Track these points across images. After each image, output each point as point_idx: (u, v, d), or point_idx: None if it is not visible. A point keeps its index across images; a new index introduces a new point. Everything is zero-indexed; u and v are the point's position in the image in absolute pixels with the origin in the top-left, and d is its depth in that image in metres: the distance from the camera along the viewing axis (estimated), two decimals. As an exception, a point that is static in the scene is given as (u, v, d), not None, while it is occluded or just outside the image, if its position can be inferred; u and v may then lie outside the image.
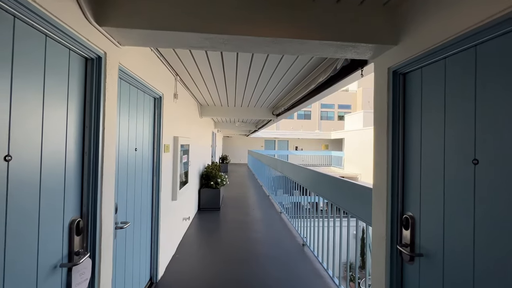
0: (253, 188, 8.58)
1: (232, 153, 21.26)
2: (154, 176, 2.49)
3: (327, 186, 3.00)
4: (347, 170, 16.53)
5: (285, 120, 28.41)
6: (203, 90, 3.98)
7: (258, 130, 10.57)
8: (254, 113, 5.57)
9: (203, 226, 4.39)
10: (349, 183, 2.34)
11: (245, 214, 5.18)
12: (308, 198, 3.72)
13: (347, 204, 2.37)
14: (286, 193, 5.10)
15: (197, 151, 5.10)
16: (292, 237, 3.84)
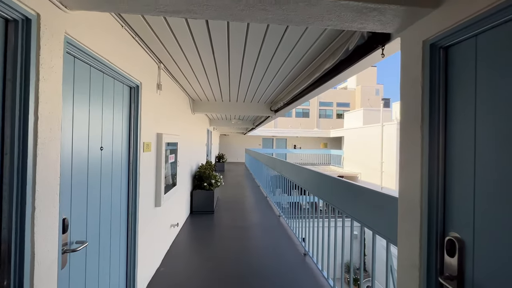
0: (250, 188, 8.21)
1: (229, 151, 20.86)
2: (131, 180, 2.11)
3: (331, 190, 2.63)
4: (347, 169, 16.22)
5: (283, 118, 28.04)
6: (194, 82, 3.59)
7: (255, 128, 10.19)
8: (251, 109, 5.19)
9: (194, 233, 4.02)
10: (360, 188, 1.98)
11: (241, 218, 4.81)
12: (307, 198, 3.37)
13: (357, 213, 2.01)
14: (285, 193, 4.74)
15: (188, 149, 4.72)
16: (292, 245, 3.48)
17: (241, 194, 7.17)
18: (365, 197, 1.90)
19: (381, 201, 1.66)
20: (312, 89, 3.10)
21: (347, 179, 2.37)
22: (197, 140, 5.99)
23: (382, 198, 1.64)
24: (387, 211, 1.57)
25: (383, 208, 1.62)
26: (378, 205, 1.68)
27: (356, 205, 2.05)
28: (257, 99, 4.76)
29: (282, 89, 3.93)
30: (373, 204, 1.76)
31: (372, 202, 1.77)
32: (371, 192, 1.81)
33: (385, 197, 1.61)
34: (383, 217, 1.63)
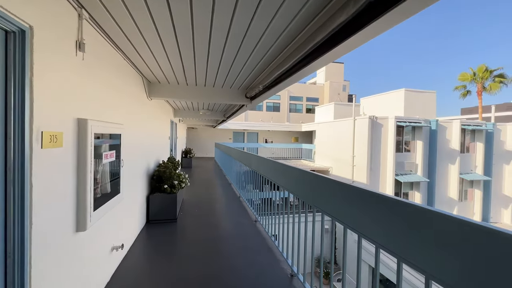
0: (221, 187, 7.38)
1: (197, 146, 19.60)
2: (11, 195, 1.19)
3: (303, 184, 2.17)
4: (318, 163, 16.22)
5: (254, 112, 27.40)
6: (146, 54, 2.64)
7: (226, 120, 9.31)
8: (223, 96, 4.34)
9: (148, 252, 3.11)
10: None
11: (211, 226, 4.00)
12: (280, 193, 2.82)
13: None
14: (257, 189, 4.06)
15: (142, 144, 3.73)
16: (276, 262, 2.80)
17: (211, 194, 6.32)
18: (337, 190, 1.70)
19: (352, 195, 1.51)
20: (300, 67, 2.40)
21: (319, 173, 1.98)
22: (156, 132, 4.97)
23: (354, 192, 1.48)
24: (358, 205, 1.44)
25: (354, 202, 1.48)
26: (349, 199, 1.54)
27: (329, 200, 1.82)
28: (229, 83, 3.93)
29: (261, 71, 3.17)
30: (344, 197, 1.61)
31: (343, 195, 1.63)
32: (342, 185, 1.63)
33: (356, 190, 1.45)
34: (354, 210, 1.49)
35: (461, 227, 0.90)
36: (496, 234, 0.80)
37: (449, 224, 0.94)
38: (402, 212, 1.15)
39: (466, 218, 0.90)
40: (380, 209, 1.28)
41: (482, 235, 0.84)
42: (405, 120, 12.21)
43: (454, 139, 12.92)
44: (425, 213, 1.04)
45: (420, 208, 1.07)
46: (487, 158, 13.61)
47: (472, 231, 0.86)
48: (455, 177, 12.92)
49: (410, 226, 1.10)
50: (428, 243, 1.01)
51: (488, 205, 13.68)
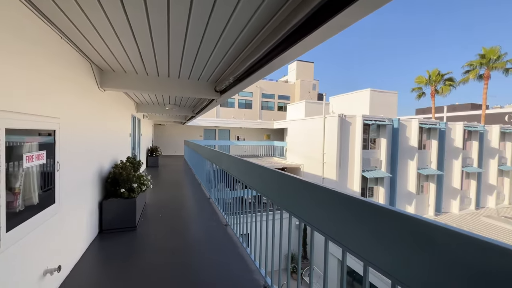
0: (190, 188, 6.92)
1: (165, 144, 18.57)
2: None
3: (271, 185, 2.09)
4: (290, 160, 16.37)
5: (226, 108, 26.89)
6: (90, 34, 2.16)
7: (195, 116, 8.80)
8: (190, 89, 3.94)
9: (98, 269, 2.64)
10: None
11: (177, 232, 3.60)
12: (252, 192, 2.61)
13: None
14: (228, 187, 3.77)
15: (92, 142, 3.19)
16: (249, 273, 2.54)
17: (178, 197, 5.85)
18: (302, 189, 1.65)
19: (320, 195, 1.46)
20: (274, 55, 2.15)
21: (290, 170, 1.85)
22: (112, 128, 4.38)
23: (322, 192, 1.44)
24: (326, 206, 1.37)
25: (323, 202, 1.42)
26: (318, 199, 1.48)
27: (294, 199, 1.75)
28: (196, 75, 3.55)
29: (230, 61, 2.86)
30: (312, 198, 1.54)
31: (312, 196, 1.56)
32: (307, 184, 1.59)
33: (324, 190, 1.41)
34: (322, 211, 1.42)
35: (427, 228, 0.84)
36: (461, 236, 0.75)
37: (416, 226, 0.88)
38: (369, 214, 1.08)
39: (432, 220, 0.84)
40: (348, 210, 1.21)
41: (447, 237, 0.79)
42: (371, 118, 12.80)
43: (413, 137, 13.91)
44: (392, 215, 0.97)
45: (385, 210, 1.00)
46: (440, 154, 14.93)
47: (440, 234, 0.81)
48: (414, 172, 13.95)
49: (377, 228, 1.03)
50: (394, 245, 0.96)
51: (441, 197, 15.05)
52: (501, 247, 0.66)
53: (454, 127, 15.58)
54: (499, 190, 17.66)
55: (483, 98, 24.26)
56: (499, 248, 0.67)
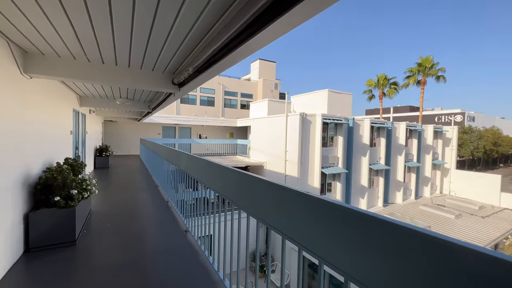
0: (146, 191, 6.30)
1: (118, 142, 16.92)
2: None
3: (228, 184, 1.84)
4: (253, 158, 16.35)
5: (187, 105, 25.73)
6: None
7: (152, 112, 8.08)
8: (143, 81, 3.48)
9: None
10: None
11: (128, 246, 3.13)
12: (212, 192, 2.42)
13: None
14: (190, 188, 3.44)
15: (13, 141, 2.57)
16: (213, 284, 2.28)
17: (131, 201, 5.24)
18: (263, 189, 1.52)
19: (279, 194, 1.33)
20: (234, 46, 1.95)
21: (253, 169, 1.73)
22: (45, 124, 3.66)
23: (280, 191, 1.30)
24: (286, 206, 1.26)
25: (283, 202, 1.30)
26: (277, 199, 1.35)
27: (252, 198, 1.64)
28: (150, 64, 3.13)
29: (189, 49, 2.56)
30: (271, 198, 1.42)
31: (271, 195, 1.43)
32: (265, 183, 1.48)
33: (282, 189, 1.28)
34: (281, 211, 1.32)
35: (383, 226, 0.80)
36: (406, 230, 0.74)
37: (370, 224, 0.84)
38: (326, 213, 1.03)
39: (389, 218, 0.80)
40: (307, 209, 1.14)
41: (405, 236, 0.75)
42: (329, 117, 13.47)
43: (365, 135, 15.08)
44: (348, 213, 0.93)
45: (342, 208, 0.96)
46: (388, 151, 16.50)
47: (396, 232, 0.77)
48: (366, 168, 15.14)
49: (333, 226, 0.99)
50: (347, 243, 0.93)
51: (388, 190, 16.67)
52: (438, 238, 0.66)
53: (399, 126, 17.36)
54: (432, 182, 20.33)
55: (420, 101, 27.66)
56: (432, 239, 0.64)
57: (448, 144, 21.38)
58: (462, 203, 17.83)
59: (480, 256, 0.57)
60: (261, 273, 11.18)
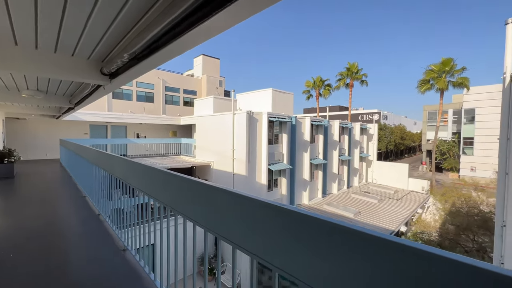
0: (69, 203, 5.21)
1: (28, 145, 13.83)
2: None
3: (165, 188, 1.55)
4: (199, 158, 15.66)
5: (120, 101, 22.93)
6: None
7: (75, 109, 6.76)
8: (59, 68, 2.75)
9: None
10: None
11: (42, 284, 2.43)
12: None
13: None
14: (127, 194, 2.91)
15: None
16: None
17: (48, 219, 4.22)
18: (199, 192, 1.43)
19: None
20: (180, 32, 1.68)
21: (200, 169, 1.56)
22: None
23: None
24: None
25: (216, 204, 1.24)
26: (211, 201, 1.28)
27: (187, 201, 1.56)
28: (69, 46, 2.48)
29: (125, 31, 2.10)
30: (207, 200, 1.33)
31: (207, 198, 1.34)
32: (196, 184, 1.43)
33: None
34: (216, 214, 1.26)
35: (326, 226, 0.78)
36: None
37: (311, 223, 0.81)
38: (264, 213, 0.99)
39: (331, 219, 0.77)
40: (242, 210, 1.10)
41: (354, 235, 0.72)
42: (275, 116, 13.91)
43: (306, 132, 16.18)
44: (287, 213, 0.89)
45: (277, 207, 0.92)
46: (325, 146, 18.13)
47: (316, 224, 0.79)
48: (307, 163, 16.29)
49: (271, 227, 0.95)
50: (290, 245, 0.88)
51: (326, 182, 18.36)
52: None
53: (333, 124, 19.27)
54: (360, 172, 23.37)
55: (349, 102, 31.40)
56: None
57: (371, 139, 24.90)
58: (381, 189, 21.05)
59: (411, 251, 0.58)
60: (211, 276, 10.81)
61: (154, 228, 2.12)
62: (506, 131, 3.48)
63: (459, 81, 23.37)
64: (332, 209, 15.32)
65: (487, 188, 17.02)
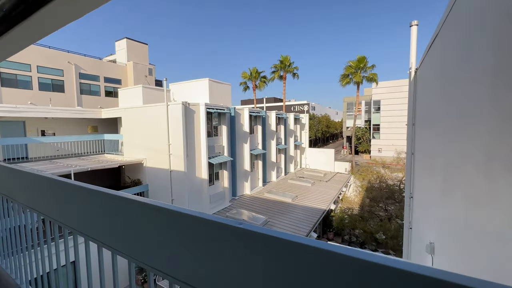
0: None
1: None
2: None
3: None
4: (129, 155, 13.89)
5: (14, 90, 18.07)
6: None
7: None
8: None
9: None
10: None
11: None
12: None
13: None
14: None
15: None
16: None
17: None
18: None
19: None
20: None
21: (130, 168, 1.25)
22: None
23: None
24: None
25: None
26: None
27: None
28: None
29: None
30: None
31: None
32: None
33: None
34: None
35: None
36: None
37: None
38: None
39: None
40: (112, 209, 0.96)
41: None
42: (213, 107, 13.43)
43: (245, 124, 16.31)
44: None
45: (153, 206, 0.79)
46: (263, 136, 18.74)
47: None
48: (248, 153, 16.54)
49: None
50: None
51: (266, 171, 19.12)
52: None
53: (270, 115, 20.04)
54: (295, 159, 25.30)
55: (283, 94, 33.22)
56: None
57: (303, 128, 27.12)
58: (314, 173, 23.35)
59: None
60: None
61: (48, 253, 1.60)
62: (412, 118, 4.15)
63: (371, 76, 27.56)
64: (272, 196, 16.10)
65: (391, 166, 20.92)
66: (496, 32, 1.06)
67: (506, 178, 0.90)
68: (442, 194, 1.95)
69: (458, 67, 1.68)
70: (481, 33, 1.21)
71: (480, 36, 1.21)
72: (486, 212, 1.09)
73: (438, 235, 2.11)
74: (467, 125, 1.39)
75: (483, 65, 1.18)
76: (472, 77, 1.30)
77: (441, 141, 2.12)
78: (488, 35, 1.13)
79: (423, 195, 3.15)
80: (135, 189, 12.43)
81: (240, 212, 13.13)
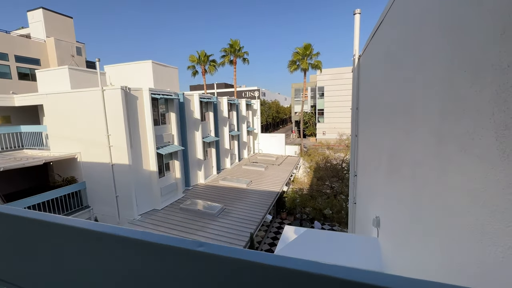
0: None
1: None
2: None
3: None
4: (56, 150, 11.86)
5: None
6: None
7: None
8: None
9: None
10: None
11: None
12: None
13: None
14: None
15: None
16: None
17: None
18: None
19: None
20: None
21: (60, 164, 0.98)
22: None
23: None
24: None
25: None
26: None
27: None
28: None
29: None
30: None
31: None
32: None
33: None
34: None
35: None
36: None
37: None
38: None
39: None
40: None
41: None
42: (159, 92, 12.30)
43: (196, 110, 15.53)
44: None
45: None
46: (216, 123, 18.25)
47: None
48: (200, 141, 15.93)
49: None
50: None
51: (219, 158, 18.84)
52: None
53: (222, 101, 19.53)
54: (248, 145, 25.57)
55: (234, 79, 32.65)
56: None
57: (255, 114, 27.38)
58: (266, 157, 24.08)
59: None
60: None
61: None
62: (355, 102, 4.47)
63: (316, 63, 29.10)
64: (227, 183, 16.05)
65: (334, 147, 22.99)
66: (447, 12, 1.08)
67: (459, 158, 0.94)
68: (388, 173, 2.13)
69: (404, 51, 1.77)
70: (432, 15, 1.24)
71: (431, 18, 1.25)
72: (434, 189, 1.17)
73: (384, 209, 2.33)
74: (415, 109, 1.47)
75: (433, 49, 1.23)
76: (422, 57, 1.36)
77: (386, 123, 2.29)
78: (438, 17, 1.16)
79: (368, 173, 3.46)
80: (68, 188, 10.77)
81: (195, 202, 12.74)
